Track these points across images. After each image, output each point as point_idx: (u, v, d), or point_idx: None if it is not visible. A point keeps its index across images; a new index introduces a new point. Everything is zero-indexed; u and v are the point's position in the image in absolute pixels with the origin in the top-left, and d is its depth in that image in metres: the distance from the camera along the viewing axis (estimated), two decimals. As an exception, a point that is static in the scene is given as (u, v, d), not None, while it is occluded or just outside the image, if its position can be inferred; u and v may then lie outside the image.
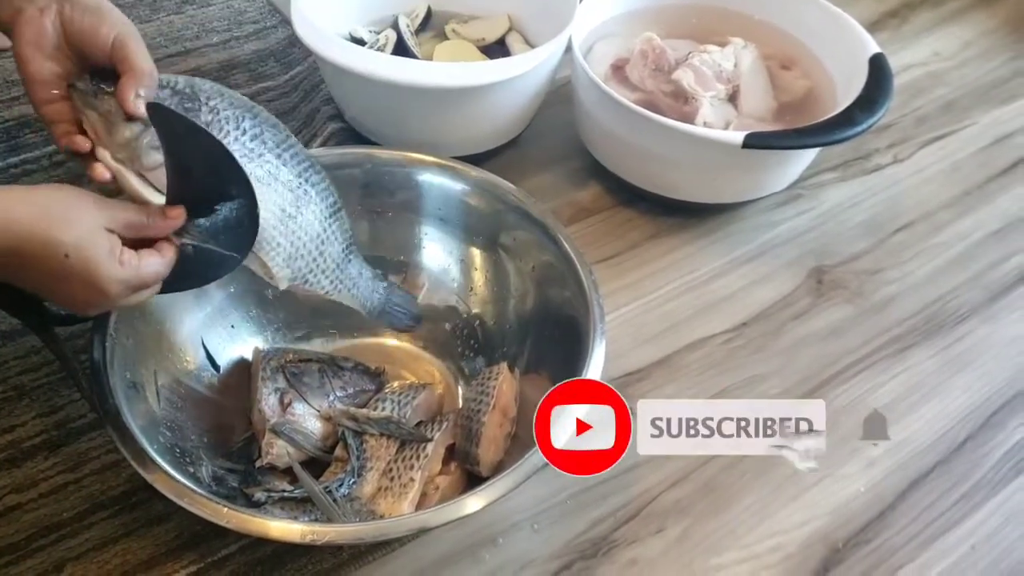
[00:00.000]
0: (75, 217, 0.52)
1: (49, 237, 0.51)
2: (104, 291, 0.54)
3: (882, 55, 0.93)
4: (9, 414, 0.75)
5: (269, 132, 0.61)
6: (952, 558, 0.73)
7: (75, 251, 0.52)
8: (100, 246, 0.53)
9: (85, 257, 0.52)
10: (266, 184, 0.60)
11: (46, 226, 0.51)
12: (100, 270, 0.53)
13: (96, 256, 0.52)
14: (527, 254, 0.78)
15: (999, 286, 0.95)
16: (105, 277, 0.53)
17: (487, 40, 1.05)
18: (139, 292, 0.57)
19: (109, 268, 0.53)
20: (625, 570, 0.70)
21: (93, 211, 0.53)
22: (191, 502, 0.58)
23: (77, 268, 0.52)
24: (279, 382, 0.72)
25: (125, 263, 0.54)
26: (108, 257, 0.53)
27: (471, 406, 0.71)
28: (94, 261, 0.52)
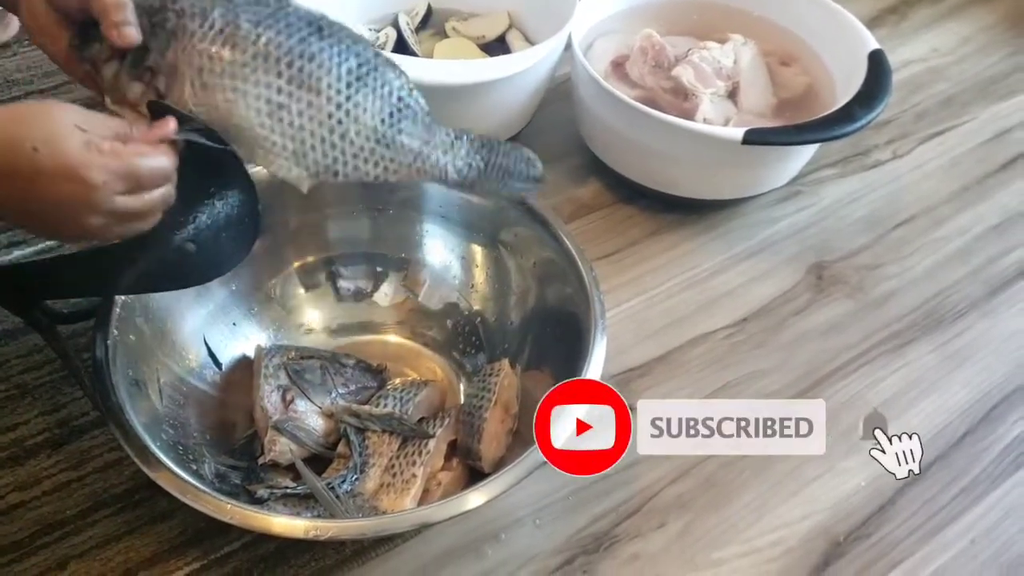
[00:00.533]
0: (44, 113, 0.49)
1: (16, 133, 0.48)
2: (85, 179, 0.49)
3: (881, 51, 0.93)
4: (12, 412, 0.75)
5: (247, 13, 0.54)
6: (952, 552, 0.73)
7: (44, 143, 0.48)
8: (72, 136, 0.48)
9: (54, 146, 0.48)
10: (241, 80, 0.54)
11: (14, 125, 0.48)
12: (75, 156, 0.48)
13: (66, 142, 0.48)
14: (528, 251, 0.78)
15: (999, 281, 0.95)
16: (79, 162, 0.48)
17: (487, 38, 1.05)
18: (138, 194, 0.52)
19: (86, 154, 0.49)
20: (627, 565, 0.70)
21: (67, 111, 0.50)
22: (194, 499, 0.58)
23: (47, 161, 0.48)
24: (281, 379, 0.72)
25: (106, 150, 0.49)
26: (84, 145, 0.49)
27: (473, 402, 0.72)
28: (63, 147, 0.48)
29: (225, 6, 0.54)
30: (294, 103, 0.55)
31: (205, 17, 0.54)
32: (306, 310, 0.82)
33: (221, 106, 0.54)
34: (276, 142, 0.55)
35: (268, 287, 0.81)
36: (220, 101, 0.54)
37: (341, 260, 0.83)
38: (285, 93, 0.54)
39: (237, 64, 0.53)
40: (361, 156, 0.57)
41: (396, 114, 0.57)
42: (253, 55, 0.54)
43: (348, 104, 0.56)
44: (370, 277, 0.84)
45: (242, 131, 0.55)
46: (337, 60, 0.55)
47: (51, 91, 1.01)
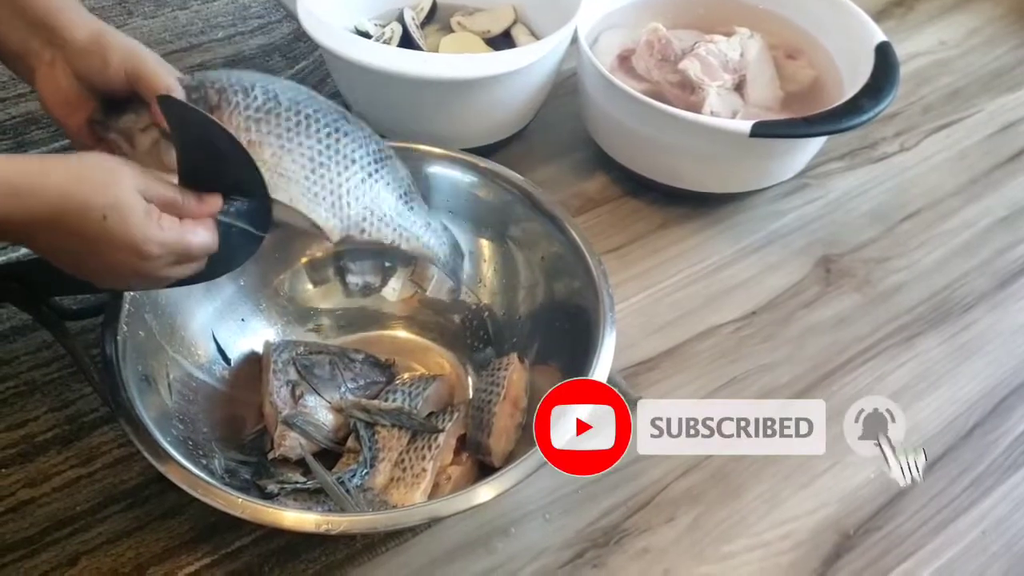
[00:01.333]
0: (112, 180, 0.51)
1: (87, 200, 0.50)
2: (144, 253, 0.52)
3: (888, 44, 0.93)
4: (21, 409, 0.75)
5: (285, 92, 0.60)
6: (962, 544, 0.73)
7: (112, 211, 0.50)
8: (137, 207, 0.52)
9: (122, 217, 0.51)
10: (287, 140, 0.59)
11: (84, 189, 0.50)
12: (138, 230, 0.51)
13: (133, 216, 0.51)
14: (536, 245, 0.78)
15: (1006, 273, 0.95)
16: (143, 237, 0.52)
17: (492, 32, 1.05)
18: (183, 264, 0.56)
19: (147, 228, 0.52)
20: (637, 558, 0.70)
21: (130, 175, 0.52)
22: (205, 493, 0.58)
23: (114, 230, 0.51)
24: (290, 374, 0.72)
25: (165, 227, 0.53)
26: (145, 218, 0.52)
27: (482, 396, 0.72)
28: (131, 221, 0.51)
29: (264, 85, 0.59)
30: (333, 164, 0.61)
31: (247, 92, 0.59)
32: (315, 305, 0.82)
33: (269, 159, 0.59)
34: (318, 193, 0.61)
35: (276, 282, 0.81)
36: (268, 155, 0.59)
37: (349, 255, 0.83)
38: (325, 156, 0.61)
39: (282, 127, 0.59)
40: (384, 221, 0.65)
41: (408, 195, 0.67)
42: (296, 123, 0.60)
43: (376, 176, 0.64)
44: (378, 272, 0.84)
45: (288, 181, 0.60)
46: (364, 141, 0.63)
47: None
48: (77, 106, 0.59)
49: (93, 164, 0.52)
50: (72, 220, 0.50)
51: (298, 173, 0.60)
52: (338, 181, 0.62)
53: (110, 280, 0.57)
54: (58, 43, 0.58)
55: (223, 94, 0.58)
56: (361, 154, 0.63)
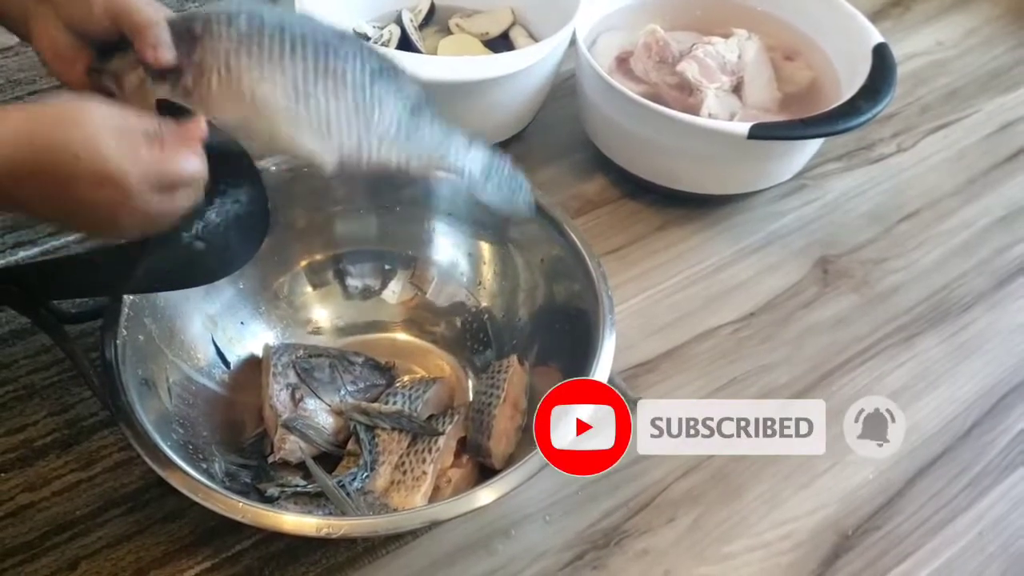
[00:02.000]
0: (84, 117, 0.49)
1: (55, 138, 0.48)
2: (124, 186, 0.49)
3: (885, 45, 0.93)
4: (20, 413, 0.75)
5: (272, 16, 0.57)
6: (960, 544, 0.73)
7: (84, 148, 0.48)
8: (110, 139, 0.49)
9: (93, 152, 0.48)
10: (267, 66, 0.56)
11: (53, 130, 0.48)
12: (111, 162, 0.49)
13: (107, 149, 0.49)
14: (536, 247, 0.78)
15: (1005, 273, 0.95)
16: (117, 169, 0.49)
17: (491, 34, 1.05)
18: (173, 191, 0.53)
19: (124, 159, 0.49)
20: (637, 560, 0.70)
21: (104, 111, 0.50)
22: (206, 497, 0.58)
23: (88, 167, 0.48)
24: (290, 377, 0.72)
25: (143, 155, 0.50)
26: (119, 148, 0.49)
27: (482, 399, 0.72)
28: (103, 154, 0.49)
29: (250, 14, 0.56)
30: (320, 88, 0.57)
31: (231, 22, 0.56)
32: (314, 308, 0.82)
33: (245, 88, 0.55)
34: (303, 117, 0.57)
35: (276, 285, 0.81)
36: (244, 83, 0.55)
37: (349, 258, 0.83)
38: (311, 80, 0.56)
39: (264, 54, 0.56)
40: (385, 141, 0.59)
41: (416, 110, 0.60)
42: (280, 48, 0.56)
43: (371, 92, 0.58)
44: (378, 275, 0.84)
45: (268, 110, 0.56)
46: (360, 58, 0.58)
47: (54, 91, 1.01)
48: (74, 58, 0.58)
49: (57, 103, 0.50)
50: (43, 164, 0.48)
51: (280, 102, 0.56)
52: (325, 104, 0.57)
53: (104, 226, 0.54)
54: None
55: (207, 25, 0.56)
56: (354, 71, 0.58)
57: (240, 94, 0.56)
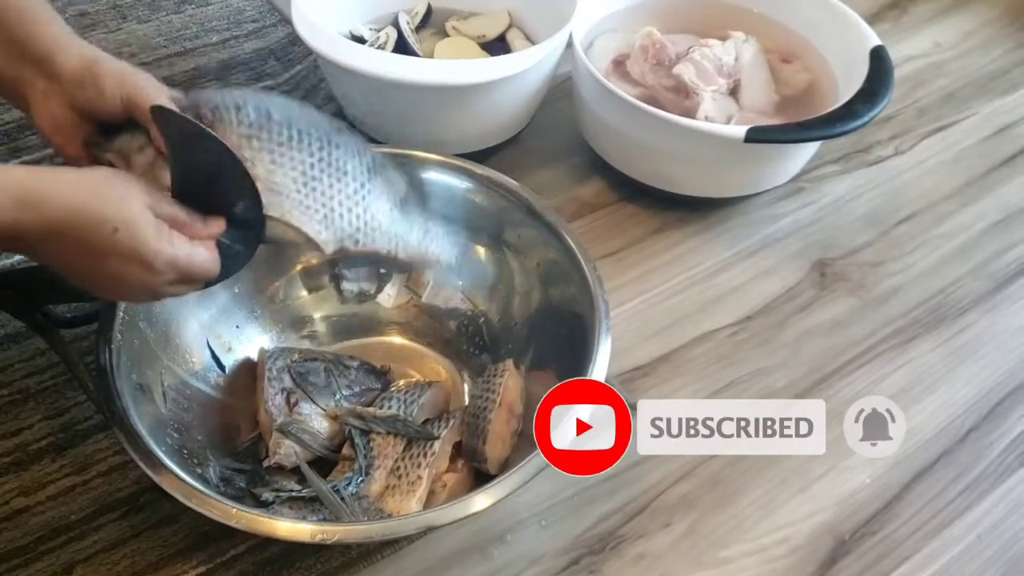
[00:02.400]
0: (125, 194, 0.52)
1: (100, 212, 0.51)
2: (152, 267, 0.53)
3: (883, 47, 0.93)
4: (15, 417, 0.75)
5: (278, 109, 0.60)
6: (958, 548, 0.73)
7: (124, 225, 0.51)
8: (148, 223, 0.53)
9: (133, 232, 0.52)
10: (279, 154, 0.60)
11: (98, 202, 0.51)
12: (148, 245, 0.52)
13: (144, 231, 0.52)
14: (531, 251, 0.78)
15: (1002, 276, 0.95)
16: (152, 252, 0.52)
17: (488, 37, 1.05)
18: (186, 284, 0.57)
19: (158, 243, 0.53)
20: (633, 564, 0.70)
21: (143, 192, 0.53)
22: (200, 503, 0.58)
23: (125, 243, 0.51)
24: (285, 382, 0.72)
25: (175, 243, 0.54)
26: (156, 234, 0.53)
27: (477, 403, 0.71)
28: (142, 236, 0.52)
29: (257, 104, 0.59)
30: (325, 177, 0.61)
31: (240, 109, 0.58)
32: (310, 312, 0.82)
33: (260, 174, 0.59)
34: (310, 206, 0.61)
35: (271, 289, 0.81)
36: (261, 171, 0.59)
37: (344, 262, 0.83)
38: (317, 169, 0.61)
39: (274, 142, 0.59)
40: (378, 230, 0.64)
41: (404, 203, 0.66)
42: (288, 137, 0.60)
43: (369, 186, 0.64)
44: (373, 278, 0.83)
45: (280, 195, 0.60)
46: (357, 152, 0.63)
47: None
48: (73, 132, 0.60)
49: (105, 177, 0.53)
50: (83, 231, 0.51)
51: (290, 187, 0.60)
52: (330, 193, 0.62)
53: (113, 292, 0.58)
54: (51, 74, 0.59)
55: (216, 112, 0.58)
56: (353, 165, 0.63)
57: (256, 179, 0.59)
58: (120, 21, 1.13)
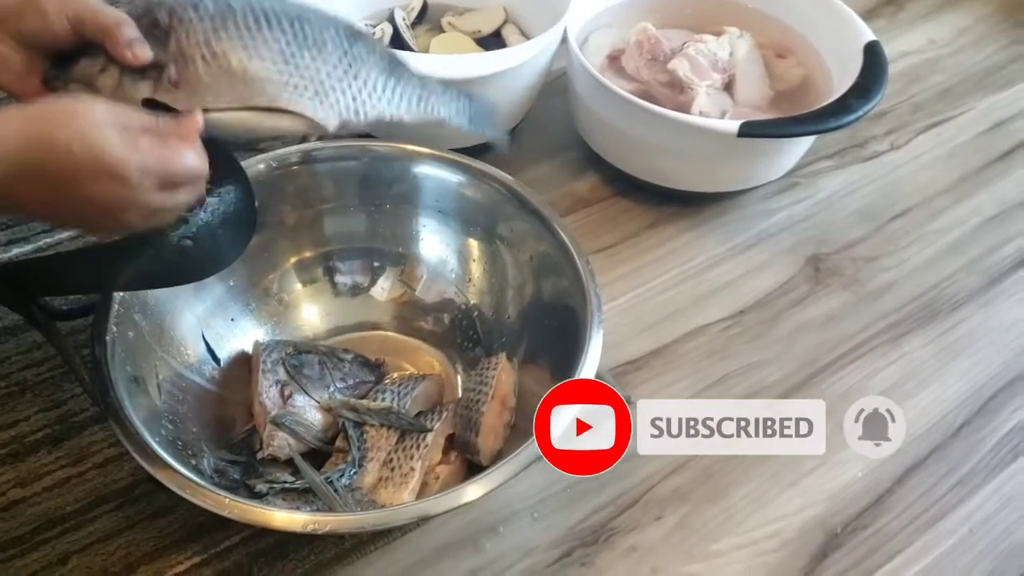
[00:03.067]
0: (76, 112, 0.49)
1: (51, 134, 0.47)
2: (124, 177, 0.48)
3: (877, 42, 0.93)
4: (12, 409, 0.75)
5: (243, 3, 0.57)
6: (950, 541, 0.73)
7: (80, 139, 0.47)
8: (107, 130, 0.48)
9: (90, 144, 0.47)
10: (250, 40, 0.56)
11: (46, 126, 0.48)
12: (111, 153, 0.48)
13: (104, 139, 0.48)
14: (524, 245, 0.78)
15: (996, 272, 0.95)
16: (119, 159, 0.48)
17: (483, 32, 1.06)
18: (175, 188, 0.52)
19: (123, 150, 0.48)
20: (625, 556, 0.70)
21: (100, 107, 0.50)
22: (194, 494, 0.58)
23: (85, 159, 0.47)
24: (279, 374, 0.73)
25: (142, 147, 0.49)
26: (118, 139, 0.48)
27: (470, 396, 0.72)
28: (103, 144, 0.48)
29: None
30: (305, 52, 0.58)
31: (197, 7, 0.55)
32: (304, 305, 0.83)
33: (236, 66, 0.56)
34: (298, 84, 0.57)
35: (266, 283, 0.81)
36: (235, 62, 0.56)
37: (338, 255, 0.83)
38: (294, 46, 0.57)
39: (242, 30, 0.56)
40: (376, 93, 0.61)
41: (393, 63, 0.62)
42: (255, 20, 0.56)
43: (352, 52, 0.60)
44: (367, 272, 0.84)
45: (264, 84, 0.57)
46: (332, 23, 0.59)
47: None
48: (27, 72, 0.56)
49: (55, 103, 0.50)
50: (40, 160, 0.47)
51: (271, 71, 0.57)
52: (315, 67, 0.58)
53: (98, 222, 0.53)
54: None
55: (173, 14, 0.56)
56: (330, 35, 0.59)
57: (232, 74, 0.56)
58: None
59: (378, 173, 0.80)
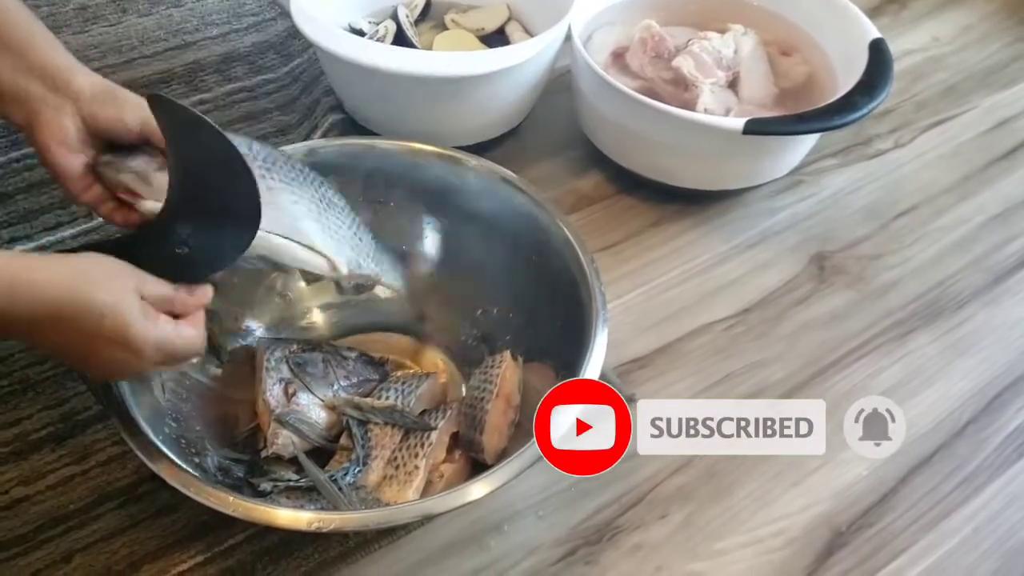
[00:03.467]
0: (112, 280, 0.54)
1: (88, 298, 0.52)
2: (138, 351, 0.55)
3: (882, 40, 0.93)
4: (15, 407, 0.75)
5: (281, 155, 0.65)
6: (955, 540, 0.73)
7: (111, 311, 0.53)
8: (135, 307, 0.54)
9: (121, 318, 0.53)
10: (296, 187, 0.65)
11: (85, 289, 0.52)
12: (135, 329, 0.54)
13: (131, 316, 0.54)
14: (529, 242, 0.78)
15: (1000, 270, 0.95)
16: (140, 337, 0.54)
17: (486, 30, 1.05)
18: (169, 363, 0.59)
19: (144, 328, 0.55)
20: (629, 555, 0.70)
21: (128, 276, 0.55)
22: (198, 492, 0.58)
23: (112, 329, 0.53)
24: (283, 372, 0.73)
25: (160, 326, 0.56)
26: (142, 318, 0.55)
27: (474, 394, 0.72)
28: (129, 321, 0.54)
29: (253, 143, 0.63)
30: (329, 212, 0.68)
31: (250, 145, 0.63)
32: (308, 303, 0.83)
33: (285, 207, 0.64)
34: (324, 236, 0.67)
35: (269, 280, 0.81)
36: (284, 203, 0.64)
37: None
38: (324, 203, 0.67)
39: (288, 176, 0.65)
40: (370, 258, 0.72)
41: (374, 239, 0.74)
42: (298, 172, 0.66)
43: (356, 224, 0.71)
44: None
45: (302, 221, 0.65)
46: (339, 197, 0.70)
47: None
48: (79, 148, 0.61)
49: (94, 262, 0.55)
50: (73, 317, 0.52)
51: (311, 216, 0.66)
52: (336, 224, 0.68)
53: (100, 372, 0.60)
54: (67, 90, 0.60)
55: None
56: (342, 204, 0.70)
57: (280, 208, 0.63)
58: (120, 15, 1.13)
59: (383, 171, 0.80)
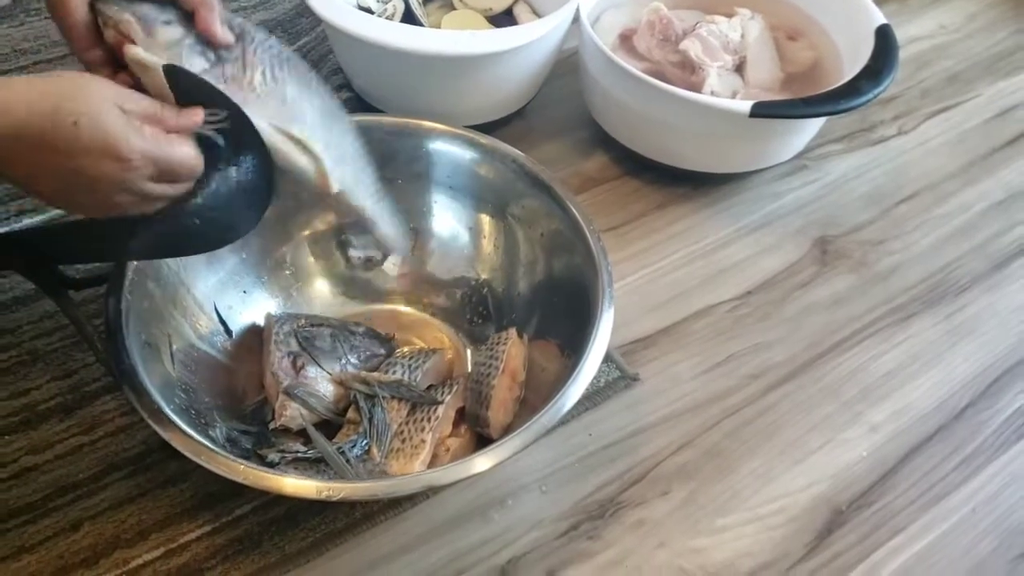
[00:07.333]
0: (86, 89, 0.49)
1: (56, 105, 0.47)
2: (126, 161, 0.49)
3: (888, 26, 0.93)
4: (24, 378, 0.75)
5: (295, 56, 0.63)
6: (953, 519, 0.74)
7: (86, 116, 0.47)
8: (113, 113, 0.49)
9: (97, 123, 0.48)
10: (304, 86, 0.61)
11: (55, 97, 0.48)
12: (116, 134, 0.48)
13: (109, 122, 0.48)
14: (536, 222, 0.79)
15: (1002, 256, 0.95)
16: (124, 142, 0.49)
17: (494, 10, 1.05)
18: (169, 182, 0.53)
19: (126, 133, 0.49)
20: (632, 530, 0.71)
21: (106, 87, 0.50)
22: (208, 459, 0.59)
23: (91, 137, 0.48)
24: (292, 346, 0.73)
25: (146, 134, 0.50)
26: (124, 123, 0.49)
27: (481, 370, 0.72)
28: (107, 127, 0.48)
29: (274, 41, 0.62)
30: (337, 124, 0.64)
31: (267, 39, 0.61)
32: (316, 278, 0.83)
33: (289, 95, 0.60)
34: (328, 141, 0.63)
35: (278, 255, 0.81)
36: (290, 92, 0.60)
37: (351, 229, 0.83)
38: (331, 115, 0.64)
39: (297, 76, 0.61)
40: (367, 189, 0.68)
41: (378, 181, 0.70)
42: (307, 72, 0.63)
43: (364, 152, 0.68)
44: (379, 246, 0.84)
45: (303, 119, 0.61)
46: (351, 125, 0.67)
47: (58, 61, 1.01)
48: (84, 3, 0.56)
49: (67, 76, 0.49)
50: (42, 129, 0.47)
51: (315, 117, 0.61)
52: (341, 138, 0.64)
53: (93, 201, 0.53)
54: None
55: (244, 30, 0.59)
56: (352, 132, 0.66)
57: (284, 99, 0.60)
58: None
59: (391, 148, 0.80)
